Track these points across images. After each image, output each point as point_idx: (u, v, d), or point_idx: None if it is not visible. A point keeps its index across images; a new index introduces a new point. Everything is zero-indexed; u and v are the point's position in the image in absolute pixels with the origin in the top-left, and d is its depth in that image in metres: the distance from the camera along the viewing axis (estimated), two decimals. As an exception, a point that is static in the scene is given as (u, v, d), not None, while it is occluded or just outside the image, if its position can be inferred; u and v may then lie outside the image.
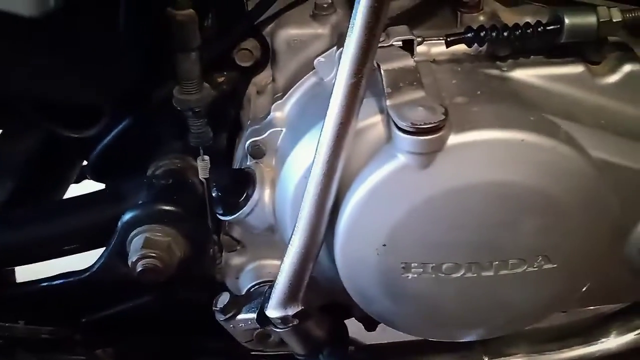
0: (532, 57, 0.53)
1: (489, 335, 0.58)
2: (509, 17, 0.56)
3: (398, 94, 0.46)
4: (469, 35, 0.50)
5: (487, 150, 0.45)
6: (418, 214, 0.47)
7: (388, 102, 0.46)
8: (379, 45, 0.48)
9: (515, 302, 0.52)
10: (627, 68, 0.53)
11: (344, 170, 0.48)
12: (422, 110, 0.44)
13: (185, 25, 0.53)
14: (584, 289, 0.54)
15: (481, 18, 0.55)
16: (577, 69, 0.52)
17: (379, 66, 0.47)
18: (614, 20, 0.49)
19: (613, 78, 0.53)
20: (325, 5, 0.58)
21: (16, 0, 0.43)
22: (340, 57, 0.48)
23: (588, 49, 0.53)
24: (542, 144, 0.45)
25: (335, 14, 0.58)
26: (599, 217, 0.48)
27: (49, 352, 0.63)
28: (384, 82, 0.47)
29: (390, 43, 0.49)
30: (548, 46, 0.52)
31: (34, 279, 0.65)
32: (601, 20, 0.49)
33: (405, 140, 0.44)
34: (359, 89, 0.45)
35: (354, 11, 0.43)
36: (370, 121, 0.48)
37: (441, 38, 0.51)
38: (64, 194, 0.75)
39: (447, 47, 0.51)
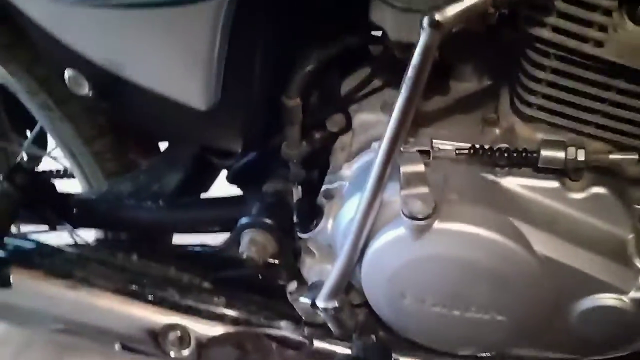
0: (523, 168, 0.73)
1: (469, 353, 0.81)
2: (525, 131, 0.74)
3: (408, 188, 0.70)
4: (470, 151, 0.72)
5: (459, 236, 0.68)
6: (410, 265, 0.72)
7: (401, 192, 0.70)
8: (405, 150, 0.73)
9: (475, 335, 0.75)
10: (594, 189, 0.70)
11: (372, 224, 0.74)
12: (420, 203, 0.69)
13: (292, 109, 0.81)
14: (533, 338, 0.75)
15: (497, 132, 0.76)
16: (552, 184, 0.71)
17: (399, 167, 0.71)
18: (579, 159, 0.68)
19: (581, 195, 0.71)
20: (390, 103, 0.82)
21: (191, 97, 0.75)
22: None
23: (569, 169, 0.72)
24: (496, 239, 0.67)
25: None
26: (538, 294, 0.69)
27: (186, 292, 0.98)
28: (400, 178, 0.71)
29: (414, 149, 0.73)
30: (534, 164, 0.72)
31: (185, 244, 1.01)
32: (568, 157, 0.68)
33: (405, 221, 0.69)
34: (382, 180, 0.70)
35: (386, 134, 0.68)
36: (392, 199, 0.73)
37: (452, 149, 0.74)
38: (210, 187, 1.10)
39: (455, 155, 0.74)
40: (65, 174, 1.35)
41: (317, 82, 0.84)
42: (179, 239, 1.09)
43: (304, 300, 0.86)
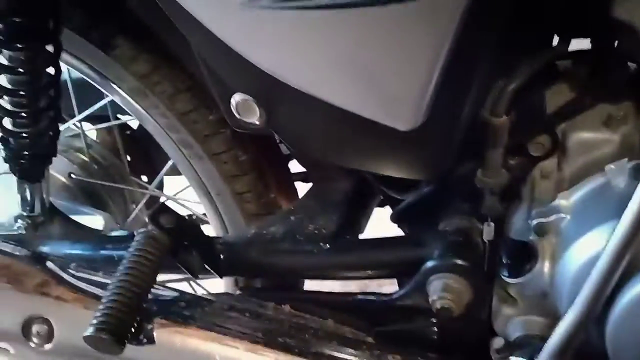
0: None
1: None
2: None
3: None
4: None
5: None
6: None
7: (676, 222, 0.56)
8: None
9: None
10: None
11: (626, 265, 0.59)
12: None
13: (498, 128, 0.69)
14: None
15: None
16: None
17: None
18: None
19: None
20: (618, 118, 0.69)
21: (397, 119, 0.64)
22: (632, 171, 0.60)
23: None
24: None
25: (626, 124, 0.69)
26: None
27: (349, 347, 0.84)
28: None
29: (681, 169, 0.59)
30: None
31: (347, 292, 0.89)
32: None
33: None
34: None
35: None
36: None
37: None
38: (365, 228, 0.98)
39: None
40: (187, 220, 1.27)
41: (522, 98, 0.72)
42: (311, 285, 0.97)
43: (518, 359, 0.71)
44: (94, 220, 1.10)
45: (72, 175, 1.13)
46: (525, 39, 0.68)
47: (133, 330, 0.77)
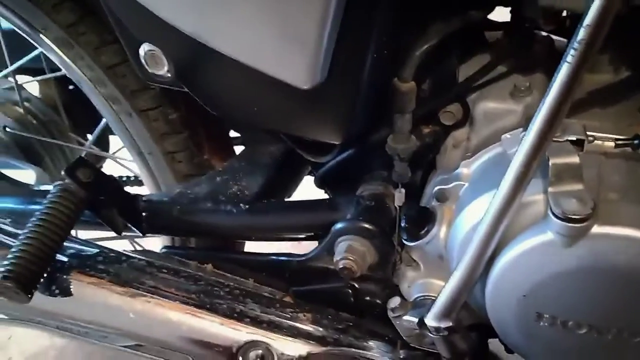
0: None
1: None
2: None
3: (559, 184, 0.58)
4: (635, 142, 0.59)
5: (622, 243, 0.55)
6: (555, 280, 0.59)
7: (549, 189, 0.58)
8: (554, 139, 0.61)
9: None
10: None
11: (504, 230, 0.61)
12: (575, 202, 0.56)
13: (405, 94, 0.70)
14: None
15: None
16: None
17: (548, 158, 0.59)
18: None
19: None
20: (522, 88, 0.70)
21: (295, 76, 0.64)
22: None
23: None
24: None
25: (531, 96, 0.70)
26: None
27: (268, 306, 0.86)
28: (550, 172, 0.59)
29: (564, 139, 0.61)
30: None
31: (265, 252, 0.90)
32: None
33: (556, 223, 0.56)
34: (528, 174, 0.57)
35: (533, 118, 0.56)
36: (533, 198, 0.61)
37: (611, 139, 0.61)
38: (293, 193, 0.99)
39: (615, 147, 0.61)
40: (129, 181, 1.27)
41: (433, 65, 0.73)
42: (251, 247, 0.99)
43: (410, 318, 0.73)
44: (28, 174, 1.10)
45: (7, 129, 1.12)
46: (440, 5, 0.68)
47: (42, 280, 0.78)
